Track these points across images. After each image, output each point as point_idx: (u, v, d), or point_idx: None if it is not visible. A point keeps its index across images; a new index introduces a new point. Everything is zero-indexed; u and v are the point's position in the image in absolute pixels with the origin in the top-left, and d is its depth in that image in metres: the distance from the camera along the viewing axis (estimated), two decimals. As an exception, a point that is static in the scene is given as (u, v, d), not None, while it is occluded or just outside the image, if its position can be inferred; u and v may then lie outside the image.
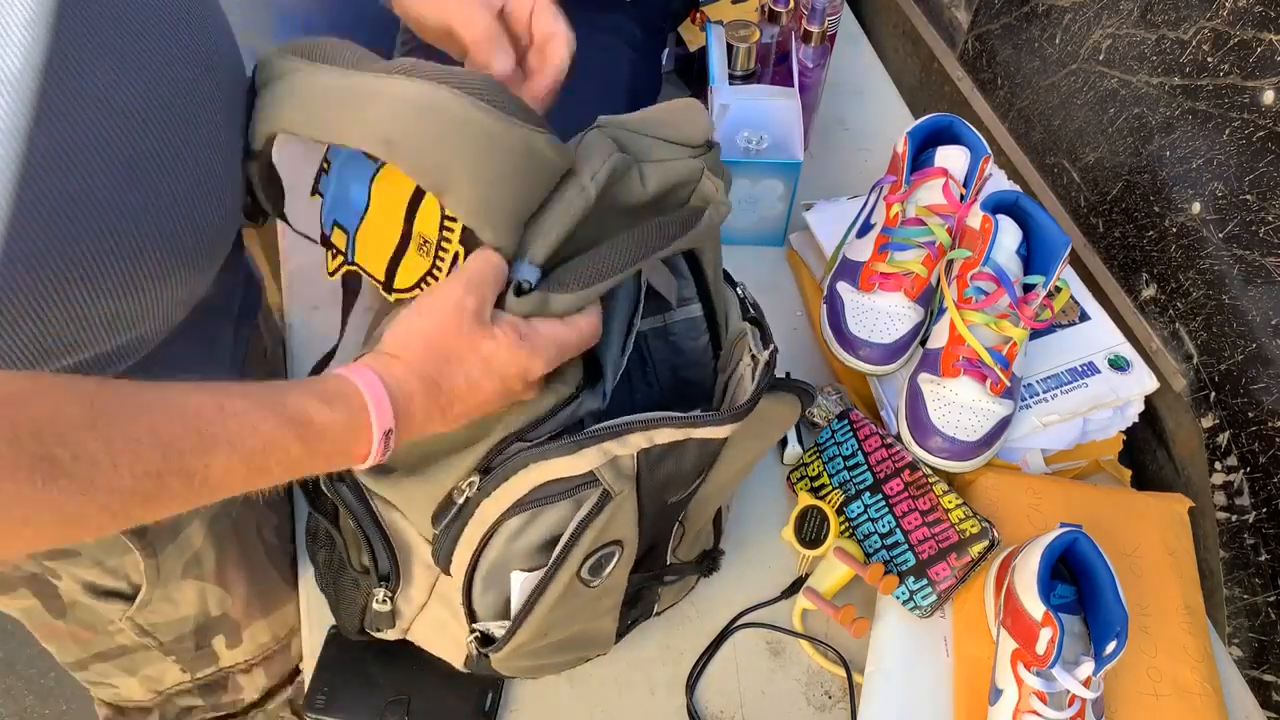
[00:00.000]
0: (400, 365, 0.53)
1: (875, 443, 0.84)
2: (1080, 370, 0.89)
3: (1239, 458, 0.84)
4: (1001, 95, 1.09)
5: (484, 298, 0.54)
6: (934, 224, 0.89)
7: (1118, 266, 0.96)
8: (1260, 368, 0.80)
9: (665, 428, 0.60)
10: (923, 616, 0.77)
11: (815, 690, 0.78)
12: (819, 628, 0.81)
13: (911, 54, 1.27)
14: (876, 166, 1.16)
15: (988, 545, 0.76)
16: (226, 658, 0.87)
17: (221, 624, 0.83)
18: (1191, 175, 0.84)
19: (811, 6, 1.05)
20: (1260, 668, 0.84)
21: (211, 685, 0.89)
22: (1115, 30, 0.89)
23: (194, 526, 0.76)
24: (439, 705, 0.74)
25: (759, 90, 1.02)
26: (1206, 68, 0.80)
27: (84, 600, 0.75)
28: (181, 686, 0.87)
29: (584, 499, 0.60)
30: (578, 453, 0.59)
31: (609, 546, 0.63)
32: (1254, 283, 0.79)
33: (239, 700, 0.92)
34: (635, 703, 0.77)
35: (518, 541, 0.62)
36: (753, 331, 0.69)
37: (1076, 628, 0.74)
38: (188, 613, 0.80)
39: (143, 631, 0.79)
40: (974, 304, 0.84)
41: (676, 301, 0.76)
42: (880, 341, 0.89)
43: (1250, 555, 0.84)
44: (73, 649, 0.81)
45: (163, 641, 0.81)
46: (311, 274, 1.03)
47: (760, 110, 1.01)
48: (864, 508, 0.82)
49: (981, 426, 0.82)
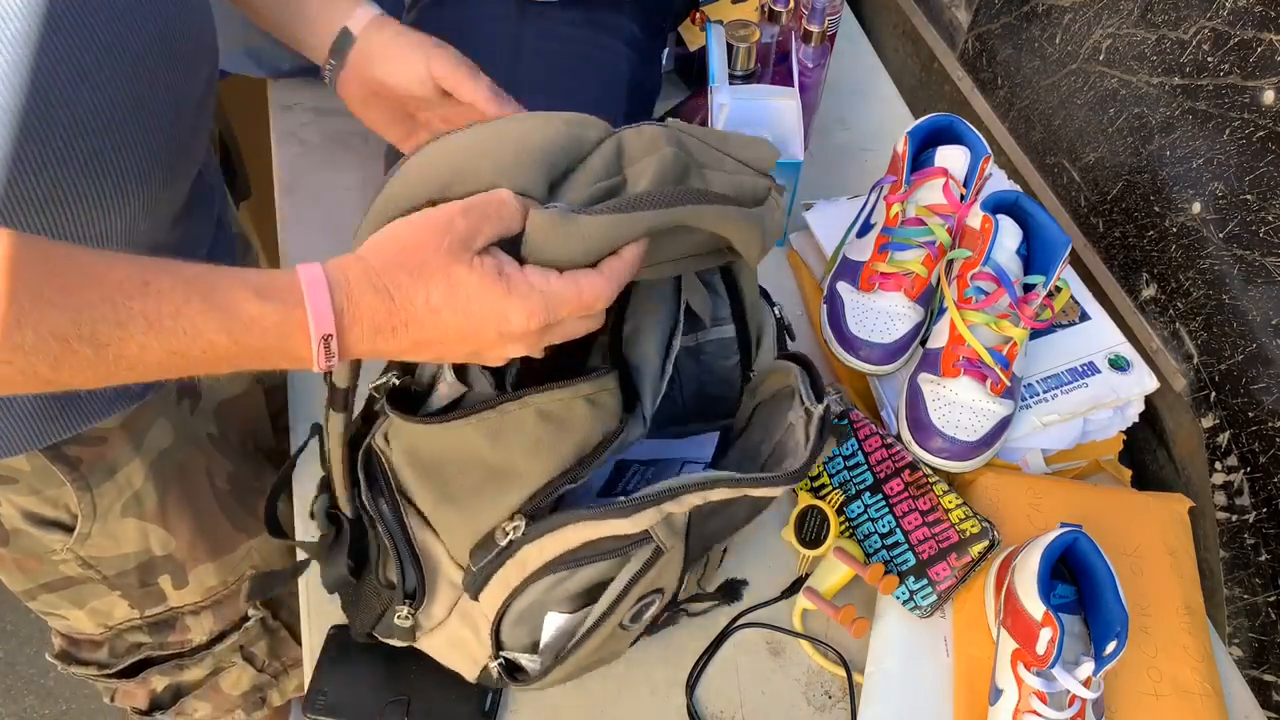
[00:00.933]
0: (359, 268, 0.49)
1: (875, 443, 0.84)
2: (1080, 370, 0.89)
3: (1239, 458, 0.84)
4: (1001, 95, 1.09)
5: (478, 225, 0.49)
6: (934, 224, 0.89)
7: (1118, 266, 0.96)
8: (1260, 367, 0.80)
9: (722, 488, 0.58)
10: (923, 616, 0.77)
11: (815, 690, 0.78)
12: (819, 628, 0.81)
13: (911, 54, 1.27)
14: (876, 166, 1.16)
15: (988, 545, 0.76)
16: (174, 598, 0.87)
17: (166, 564, 0.83)
18: (1191, 175, 0.84)
19: (811, 6, 1.05)
20: (1260, 668, 0.84)
21: (160, 624, 0.89)
22: (1115, 30, 0.89)
23: (133, 466, 0.76)
24: (439, 705, 0.74)
25: (759, 90, 1.01)
26: (1206, 68, 0.80)
27: (25, 528, 0.75)
28: (130, 623, 0.87)
29: (635, 554, 0.60)
30: (633, 516, 0.57)
31: (652, 594, 0.63)
32: (1254, 283, 0.79)
33: (187, 641, 0.92)
34: (635, 703, 0.77)
35: (558, 589, 0.61)
36: (801, 375, 0.67)
37: (1076, 628, 0.74)
38: (129, 550, 0.80)
39: (85, 564, 0.79)
40: (974, 304, 0.84)
41: (710, 321, 0.74)
42: (880, 341, 0.89)
43: (1250, 555, 0.84)
44: (19, 578, 0.81)
45: (106, 575, 0.81)
46: (311, 274, 1.03)
47: (760, 110, 1.01)
48: (864, 508, 0.82)
49: (981, 426, 0.82)
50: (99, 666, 0.92)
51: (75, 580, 0.81)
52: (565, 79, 0.95)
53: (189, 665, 0.95)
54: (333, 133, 1.16)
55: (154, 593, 0.86)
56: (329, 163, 1.13)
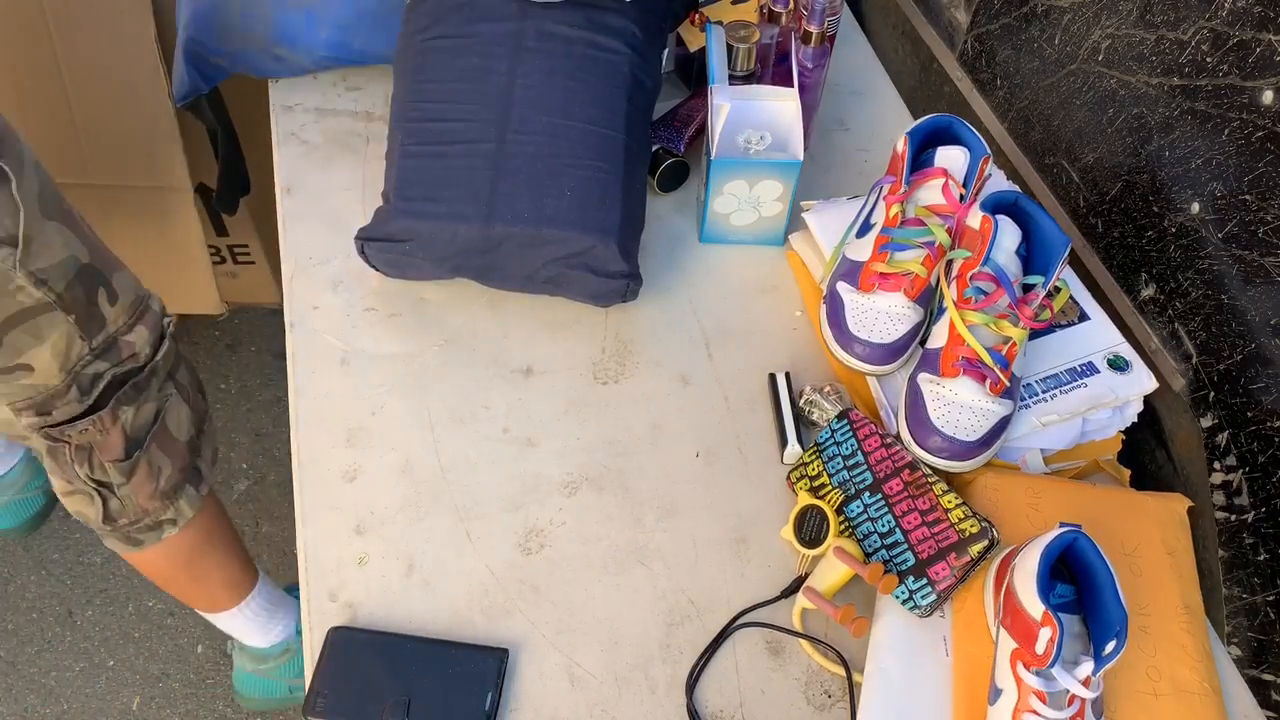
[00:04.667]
0: None
1: (875, 442, 0.84)
2: (1079, 370, 0.90)
3: (1238, 457, 0.84)
4: (1001, 95, 1.10)
5: None
6: (934, 224, 0.89)
7: (1117, 266, 0.96)
8: (1259, 367, 0.80)
9: None
10: (922, 616, 0.78)
11: (815, 690, 0.78)
12: (819, 627, 0.81)
13: (911, 54, 1.27)
14: (876, 166, 1.16)
15: (987, 545, 0.76)
16: (110, 317, 0.97)
17: (93, 274, 0.94)
18: (1191, 175, 0.84)
19: (811, 7, 1.05)
20: (1259, 667, 0.84)
21: (107, 349, 0.98)
22: (1114, 31, 0.89)
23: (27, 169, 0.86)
24: (439, 705, 0.75)
25: (759, 90, 1.02)
26: (1206, 68, 0.80)
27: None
28: (84, 359, 0.96)
29: None
30: None
31: None
32: (1253, 283, 0.79)
33: (135, 354, 1.01)
34: (635, 702, 0.77)
35: None
36: None
37: (1076, 627, 0.74)
38: (62, 256, 0.90)
39: (38, 282, 0.88)
40: (974, 304, 0.84)
41: None
42: (880, 341, 0.89)
43: (1249, 555, 0.84)
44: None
45: (59, 293, 0.90)
46: (311, 274, 1.03)
47: (760, 110, 1.01)
48: (863, 507, 0.82)
49: (981, 426, 0.82)
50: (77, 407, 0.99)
51: (33, 309, 0.90)
52: (565, 79, 0.96)
53: (146, 391, 1.04)
54: (333, 133, 1.16)
55: (97, 316, 0.95)
56: (329, 163, 1.13)
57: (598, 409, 0.94)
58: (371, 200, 1.09)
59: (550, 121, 0.94)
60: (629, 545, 0.85)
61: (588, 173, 0.94)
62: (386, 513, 0.86)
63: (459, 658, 0.77)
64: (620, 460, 0.91)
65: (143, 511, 1.09)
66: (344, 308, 1.00)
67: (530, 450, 0.91)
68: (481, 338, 0.99)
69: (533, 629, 0.80)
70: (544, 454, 0.91)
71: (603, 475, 0.89)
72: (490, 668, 0.77)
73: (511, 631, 0.80)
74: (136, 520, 1.09)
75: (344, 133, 1.16)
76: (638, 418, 0.94)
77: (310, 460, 0.89)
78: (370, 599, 0.81)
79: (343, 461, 0.89)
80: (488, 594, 0.82)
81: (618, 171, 0.95)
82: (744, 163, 0.99)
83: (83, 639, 1.66)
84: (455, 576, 0.83)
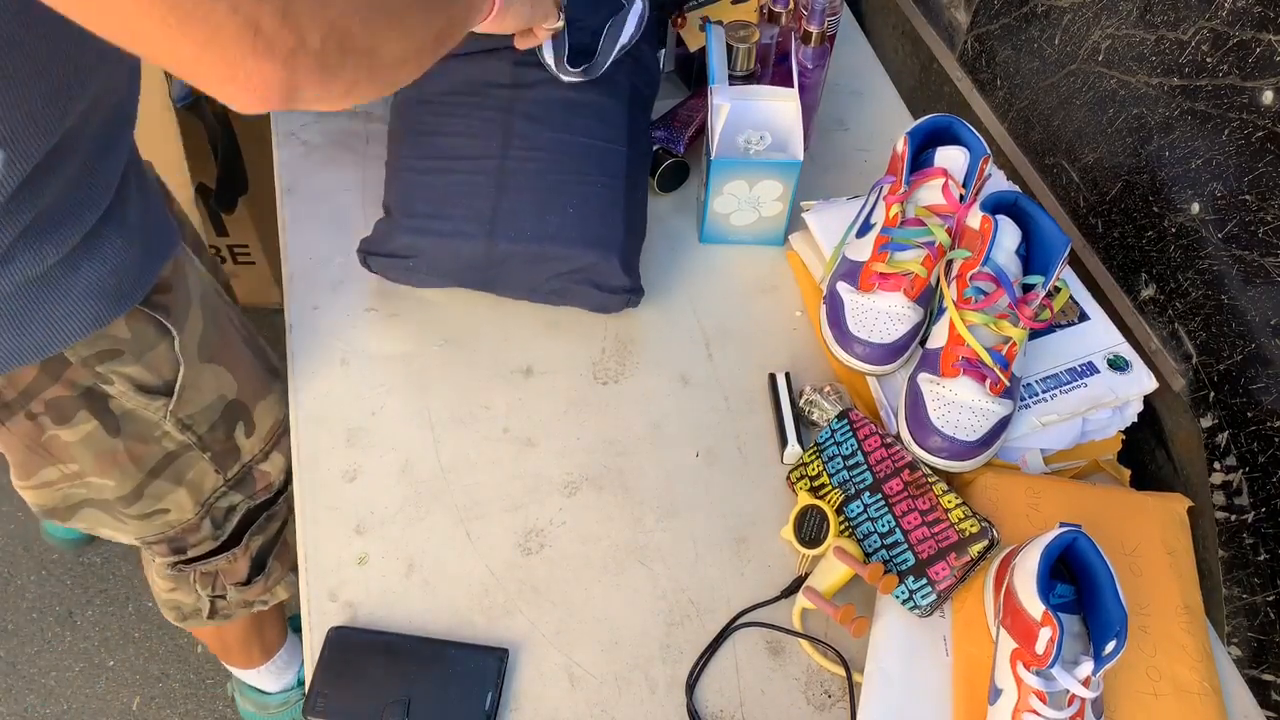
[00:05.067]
0: None
1: (875, 442, 0.84)
2: (1079, 370, 0.90)
3: (1238, 457, 0.84)
4: (1001, 96, 1.09)
5: None
6: (934, 224, 0.89)
7: (1117, 267, 0.96)
8: (1259, 368, 0.80)
9: None
10: (922, 616, 0.78)
11: (815, 689, 0.78)
12: (819, 627, 0.81)
13: (911, 54, 1.27)
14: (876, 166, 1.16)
15: (987, 545, 0.76)
16: (246, 448, 0.95)
17: (237, 410, 0.92)
18: (1190, 175, 0.84)
19: (811, 7, 1.05)
20: (1259, 667, 0.84)
21: (241, 480, 0.97)
22: (1114, 31, 0.89)
23: (194, 309, 0.84)
24: (439, 705, 0.75)
25: (759, 90, 1.02)
26: (1206, 68, 0.80)
27: (133, 407, 0.82)
28: (218, 491, 0.95)
29: None
30: None
31: None
32: (1253, 283, 0.79)
33: (269, 485, 1.00)
34: (635, 702, 0.77)
35: None
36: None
37: (1076, 627, 0.74)
38: (210, 399, 0.89)
39: (183, 427, 0.87)
40: (973, 304, 0.84)
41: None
42: (880, 341, 0.89)
43: (1249, 555, 0.84)
44: (130, 471, 0.87)
45: (200, 435, 0.89)
46: (312, 274, 1.03)
47: (760, 110, 1.01)
48: (863, 507, 0.82)
49: (981, 426, 0.82)
50: (211, 544, 0.99)
51: (175, 454, 0.89)
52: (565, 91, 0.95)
53: (276, 514, 1.03)
54: (333, 133, 1.16)
55: (232, 448, 0.94)
56: (329, 163, 1.13)
57: (598, 409, 0.94)
58: (372, 201, 1.09)
59: (552, 137, 0.94)
60: (629, 545, 0.85)
61: (590, 188, 0.94)
62: (386, 513, 0.86)
63: (459, 658, 0.77)
64: (620, 460, 0.91)
65: (245, 604, 1.09)
66: (344, 308, 1.00)
67: (530, 450, 0.91)
68: (482, 338, 0.99)
69: (533, 629, 0.80)
70: (544, 454, 0.91)
71: (603, 475, 0.89)
72: (490, 668, 0.77)
73: (511, 631, 0.80)
74: (234, 611, 1.10)
75: (344, 133, 1.16)
76: (638, 418, 0.94)
77: (310, 460, 0.89)
78: (370, 599, 0.81)
79: (343, 461, 0.89)
80: (488, 594, 0.82)
81: (619, 185, 0.95)
82: (744, 163, 0.99)
83: (83, 639, 1.66)
84: (455, 576, 0.83)
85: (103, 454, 0.84)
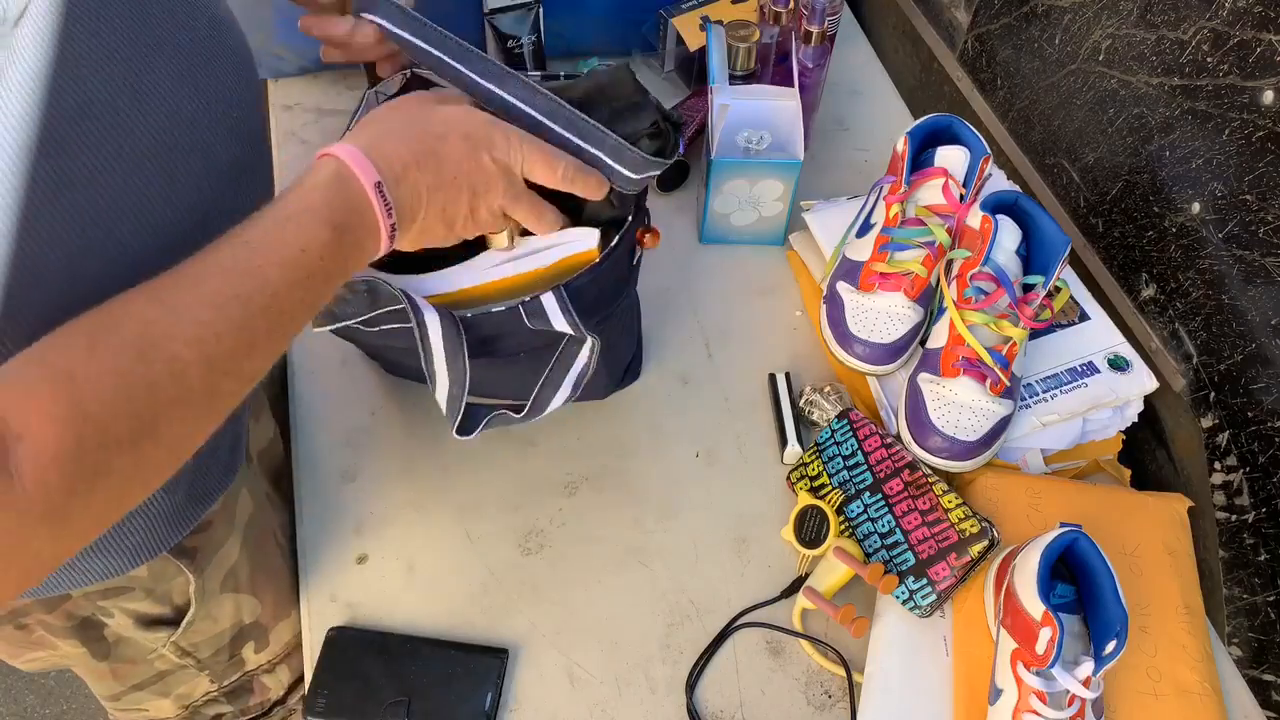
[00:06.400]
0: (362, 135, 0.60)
1: (875, 442, 0.84)
2: (1080, 370, 0.90)
3: (1238, 457, 0.84)
4: (1001, 95, 1.09)
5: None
6: (934, 224, 0.89)
7: (1117, 266, 0.96)
8: (1260, 368, 0.80)
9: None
10: (922, 616, 0.78)
11: (815, 690, 0.78)
12: (819, 627, 0.81)
13: (911, 54, 1.27)
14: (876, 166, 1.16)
15: (987, 545, 0.76)
16: (252, 661, 0.88)
17: (252, 631, 0.84)
18: (1191, 175, 0.84)
19: (811, 6, 1.05)
20: (1260, 667, 0.84)
21: (237, 690, 0.89)
22: (1115, 30, 0.89)
23: (232, 541, 0.77)
24: (439, 705, 0.75)
25: (759, 90, 1.02)
26: (1206, 68, 0.80)
27: (130, 635, 0.75)
28: (209, 696, 0.88)
29: None
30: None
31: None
32: (1253, 283, 0.79)
33: (265, 700, 0.93)
34: (635, 702, 0.77)
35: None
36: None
37: (1076, 627, 0.74)
38: (224, 626, 0.81)
39: (183, 653, 0.80)
40: (974, 304, 0.84)
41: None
42: (880, 341, 0.89)
43: (1250, 555, 0.84)
44: (111, 684, 0.82)
45: (201, 659, 0.82)
46: (312, 274, 1.03)
47: (760, 110, 1.01)
48: (864, 507, 0.82)
49: (981, 426, 0.82)
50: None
51: (166, 673, 0.82)
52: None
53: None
54: (333, 133, 1.16)
55: (236, 662, 0.86)
56: (329, 163, 1.13)
57: (598, 409, 0.94)
58: (371, 200, 1.09)
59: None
60: (629, 545, 0.85)
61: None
62: (386, 513, 0.86)
63: (459, 658, 0.77)
64: (620, 460, 0.90)
65: None
66: (344, 308, 1.00)
67: (530, 450, 0.91)
68: (481, 338, 0.99)
69: (533, 629, 0.80)
70: (544, 454, 0.91)
71: (603, 475, 0.89)
72: (490, 668, 0.76)
73: (511, 631, 0.80)
74: None
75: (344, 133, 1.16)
76: (638, 418, 0.94)
77: (310, 460, 0.89)
78: (370, 599, 0.81)
79: (342, 461, 0.89)
80: (488, 594, 0.82)
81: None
82: (744, 163, 0.99)
83: (82, 639, 1.65)
84: (455, 576, 0.83)
85: (86, 671, 0.80)
